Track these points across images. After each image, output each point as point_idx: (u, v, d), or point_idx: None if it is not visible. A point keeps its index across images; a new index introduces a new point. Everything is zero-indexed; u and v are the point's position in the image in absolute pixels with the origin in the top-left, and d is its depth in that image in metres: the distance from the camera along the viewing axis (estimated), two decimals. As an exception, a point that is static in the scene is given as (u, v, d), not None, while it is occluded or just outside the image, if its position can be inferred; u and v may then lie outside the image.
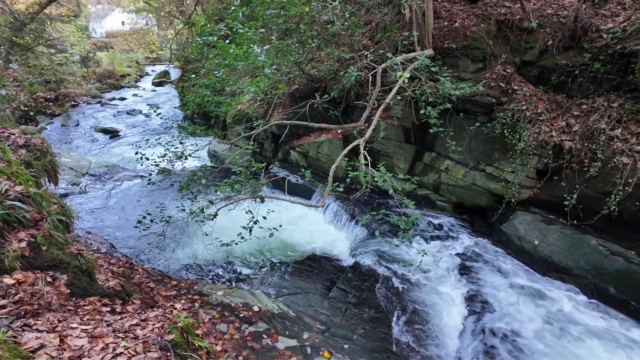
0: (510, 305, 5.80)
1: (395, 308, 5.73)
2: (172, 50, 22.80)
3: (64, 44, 23.04)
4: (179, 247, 7.67)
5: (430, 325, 5.49)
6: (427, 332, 5.36)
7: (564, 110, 7.32)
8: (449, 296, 6.06)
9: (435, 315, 5.66)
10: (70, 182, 10.45)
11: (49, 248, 3.31)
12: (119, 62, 29.59)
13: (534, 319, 5.54)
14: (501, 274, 6.54)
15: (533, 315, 5.60)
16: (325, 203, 7.41)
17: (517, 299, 5.93)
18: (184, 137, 6.63)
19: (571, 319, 5.53)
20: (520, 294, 6.03)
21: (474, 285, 6.27)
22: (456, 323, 5.58)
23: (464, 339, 5.33)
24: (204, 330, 4.08)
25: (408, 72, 5.87)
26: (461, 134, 8.07)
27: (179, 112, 20.35)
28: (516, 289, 6.15)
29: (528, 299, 5.91)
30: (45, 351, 2.17)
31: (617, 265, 5.82)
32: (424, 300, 5.93)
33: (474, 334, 5.37)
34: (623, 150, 6.37)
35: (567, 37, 7.39)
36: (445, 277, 6.46)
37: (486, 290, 6.12)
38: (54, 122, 18.08)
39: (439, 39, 8.46)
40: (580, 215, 6.72)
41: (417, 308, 5.76)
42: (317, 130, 10.40)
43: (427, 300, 5.95)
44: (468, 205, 8.39)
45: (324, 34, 8.38)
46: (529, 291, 6.08)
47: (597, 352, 4.95)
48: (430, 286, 6.24)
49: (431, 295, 6.06)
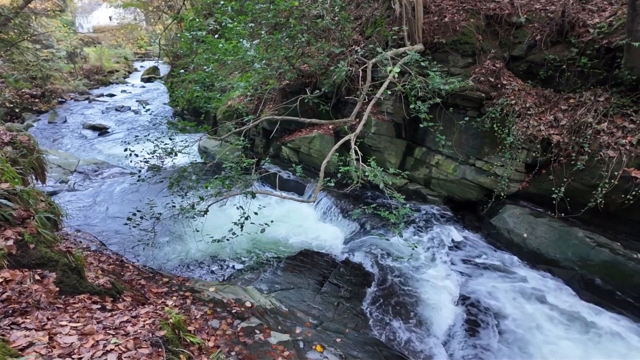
0: (500, 297, 5.88)
1: (386, 301, 5.78)
2: (161, 45, 22.47)
3: (50, 40, 22.61)
4: (170, 244, 7.63)
5: (421, 317, 5.55)
6: (418, 324, 5.42)
7: (552, 105, 7.40)
8: (438, 288, 6.13)
9: (426, 308, 5.73)
10: (59, 180, 10.30)
11: (36, 246, 3.26)
12: (107, 58, 29.16)
13: (522, 310, 5.63)
14: (491, 267, 6.62)
15: (521, 307, 5.70)
16: (317, 198, 7.41)
17: (506, 291, 6.01)
18: (174, 133, 6.57)
19: (553, 305, 5.65)
20: (510, 287, 6.11)
21: (463, 278, 6.35)
22: (446, 314, 5.65)
23: (453, 330, 5.41)
24: (196, 326, 4.07)
25: (398, 67, 5.88)
26: (451, 128, 8.13)
27: (169, 108, 20.14)
28: (506, 281, 6.24)
29: (517, 291, 6.01)
30: (34, 349, 2.14)
31: (603, 256, 5.94)
32: (414, 293, 5.99)
33: (463, 324, 5.44)
34: (609, 143, 6.48)
35: (555, 32, 7.47)
36: (435, 271, 6.52)
37: (475, 283, 6.20)
38: (40, 119, 17.76)
39: (429, 33, 8.48)
40: (567, 208, 6.82)
41: (408, 301, 5.82)
42: (308, 126, 10.39)
43: (417, 293, 6.01)
44: (458, 200, 8.48)
45: (313, 28, 8.35)
46: (518, 284, 6.17)
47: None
48: (420, 279, 6.31)
49: (421, 288, 6.13)
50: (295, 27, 7.51)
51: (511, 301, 5.80)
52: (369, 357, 4.44)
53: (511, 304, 5.75)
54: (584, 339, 5.14)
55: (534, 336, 5.19)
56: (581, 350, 4.97)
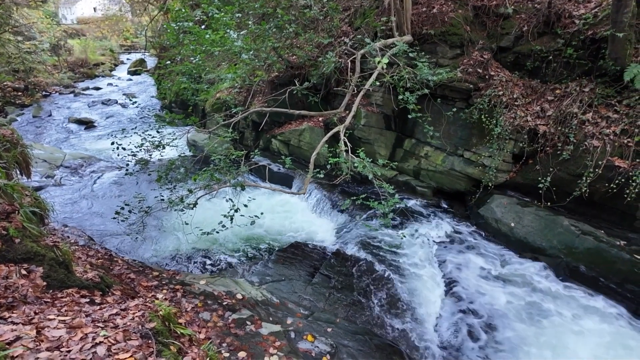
0: (486, 285, 5.99)
1: (376, 291, 5.84)
2: (148, 37, 22.13)
3: (32, 31, 22.05)
4: (160, 239, 7.58)
5: (410, 306, 5.63)
6: (407, 313, 5.49)
7: (538, 95, 7.49)
8: (427, 278, 6.21)
9: (415, 296, 5.81)
10: (44, 175, 10.13)
11: (22, 240, 3.22)
12: (92, 50, 28.56)
13: (507, 295, 5.75)
14: (479, 256, 6.72)
15: (505, 292, 5.82)
16: (306, 190, 7.42)
17: (493, 278, 6.12)
18: (162, 126, 6.49)
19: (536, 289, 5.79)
20: (497, 275, 6.23)
21: (451, 267, 6.43)
22: (435, 303, 5.74)
23: (442, 318, 5.50)
24: (187, 319, 4.08)
25: (387, 57, 5.88)
26: (440, 120, 8.18)
27: (157, 101, 19.86)
28: (493, 270, 6.35)
29: (502, 279, 6.12)
30: (21, 343, 2.13)
31: (588, 244, 6.07)
32: (403, 282, 6.06)
33: (451, 313, 5.54)
34: (594, 133, 6.59)
35: (542, 23, 7.53)
36: (425, 260, 6.60)
37: (464, 272, 6.30)
38: (24, 113, 17.37)
39: (418, 25, 8.48)
40: (553, 198, 6.95)
41: (397, 290, 5.89)
42: (298, 118, 10.35)
43: (406, 282, 6.08)
44: (447, 190, 8.56)
45: (301, 19, 8.29)
46: (504, 272, 6.29)
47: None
48: (409, 269, 6.38)
49: (411, 277, 6.20)
50: (282, 18, 7.45)
51: (498, 289, 5.91)
52: (359, 345, 4.50)
53: (498, 291, 5.85)
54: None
55: (521, 321, 5.30)
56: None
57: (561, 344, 4.96)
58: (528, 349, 4.91)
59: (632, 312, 5.35)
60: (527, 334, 5.12)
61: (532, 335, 5.10)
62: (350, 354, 4.27)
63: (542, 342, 4.99)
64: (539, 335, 5.10)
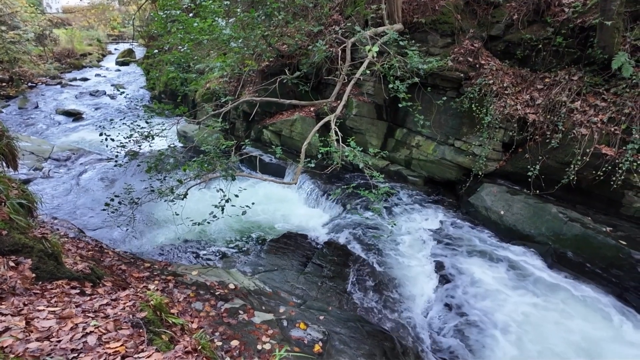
0: (476, 271, 6.08)
1: (368, 279, 5.90)
2: (135, 27, 21.70)
3: (16, 20, 21.47)
4: (151, 230, 7.55)
5: (401, 293, 5.70)
6: (398, 300, 5.57)
7: (528, 84, 7.53)
8: (418, 266, 6.29)
9: (406, 284, 5.88)
10: (32, 167, 9.97)
11: (9, 232, 3.19)
12: (79, 40, 27.91)
13: (496, 281, 5.85)
14: (468, 243, 6.81)
15: (496, 276, 5.91)
16: (298, 180, 7.42)
17: (482, 266, 6.22)
18: (151, 116, 6.41)
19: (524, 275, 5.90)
20: (486, 262, 6.32)
21: (442, 255, 6.51)
22: (425, 290, 5.82)
23: (432, 304, 5.59)
24: (179, 309, 4.09)
25: (377, 46, 5.85)
26: (430, 109, 8.20)
27: (146, 92, 19.57)
28: (482, 257, 6.44)
29: (492, 265, 6.22)
30: (10, 333, 2.12)
31: (575, 230, 6.18)
32: (395, 271, 6.13)
33: (441, 299, 5.62)
34: (582, 121, 6.67)
35: (532, 11, 7.54)
36: (415, 248, 6.68)
37: (453, 260, 6.37)
38: (10, 104, 16.99)
39: (408, 13, 8.44)
40: (542, 185, 7.04)
41: (388, 278, 5.96)
42: (289, 108, 10.30)
43: (397, 270, 6.15)
44: (438, 180, 8.62)
45: (291, 6, 8.19)
46: (494, 259, 6.38)
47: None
48: (400, 257, 6.45)
49: (402, 265, 6.27)
50: (272, 5, 7.35)
51: (487, 274, 6.00)
52: (351, 332, 4.55)
53: (488, 276, 5.95)
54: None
55: (506, 305, 5.41)
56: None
57: (546, 327, 5.08)
58: (518, 328, 5.02)
59: (616, 296, 5.47)
60: (516, 316, 5.22)
61: (522, 318, 5.21)
62: (342, 341, 4.33)
63: (529, 322, 5.11)
64: (528, 316, 5.21)
